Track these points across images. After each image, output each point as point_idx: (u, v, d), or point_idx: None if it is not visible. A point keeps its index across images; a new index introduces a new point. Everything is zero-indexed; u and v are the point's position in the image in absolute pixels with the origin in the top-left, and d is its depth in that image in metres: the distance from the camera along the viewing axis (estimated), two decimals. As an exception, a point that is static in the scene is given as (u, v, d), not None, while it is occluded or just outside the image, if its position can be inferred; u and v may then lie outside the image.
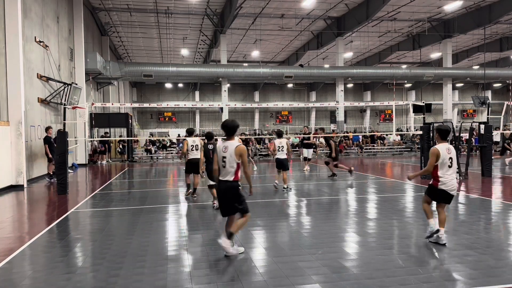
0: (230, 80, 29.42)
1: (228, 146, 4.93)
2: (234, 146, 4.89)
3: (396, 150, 27.19)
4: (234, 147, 4.89)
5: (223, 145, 4.98)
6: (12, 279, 4.39)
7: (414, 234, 6.06)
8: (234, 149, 4.88)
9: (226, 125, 5.00)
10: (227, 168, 4.92)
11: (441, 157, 5.32)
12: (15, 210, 8.98)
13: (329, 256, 4.93)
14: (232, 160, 4.89)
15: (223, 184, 4.97)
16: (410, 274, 4.29)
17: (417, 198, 9.25)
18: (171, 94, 43.01)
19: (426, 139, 12.38)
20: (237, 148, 4.88)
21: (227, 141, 4.99)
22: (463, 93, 45.40)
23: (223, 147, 4.97)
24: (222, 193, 5.00)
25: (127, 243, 5.65)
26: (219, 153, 5.00)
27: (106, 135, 23.57)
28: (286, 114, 44.46)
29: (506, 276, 4.20)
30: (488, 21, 24.96)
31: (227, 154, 4.91)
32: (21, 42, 12.22)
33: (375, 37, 30.87)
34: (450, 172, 5.39)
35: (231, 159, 4.89)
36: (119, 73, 24.95)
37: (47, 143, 13.03)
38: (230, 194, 4.95)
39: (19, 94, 12.07)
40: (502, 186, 11.12)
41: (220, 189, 5.02)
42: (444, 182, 5.36)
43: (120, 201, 9.40)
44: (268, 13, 25.26)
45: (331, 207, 8.31)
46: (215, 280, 4.19)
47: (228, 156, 4.90)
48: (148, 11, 24.40)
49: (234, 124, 5.04)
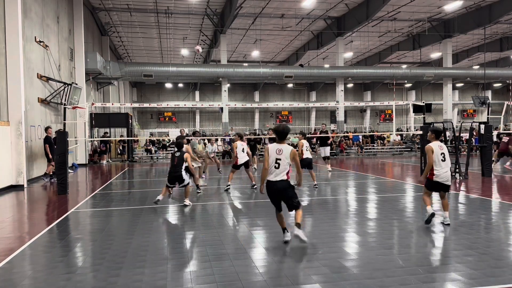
0: (230, 80, 29.42)
1: (282, 149, 5.33)
2: (289, 150, 5.34)
3: (396, 150, 27.20)
4: (289, 151, 5.33)
5: (276, 148, 5.35)
6: (12, 279, 4.39)
7: (414, 234, 6.06)
8: (289, 152, 5.31)
9: (279, 130, 5.41)
10: (281, 169, 5.30)
11: (435, 153, 6.25)
12: (15, 210, 8.98)
13: (329, 256, 4.94)
14: (286, 162, 5.29)
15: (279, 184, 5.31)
16: (410, 274, 4.29)
17: (417, 198, 9.25)
18: (171, 94, 43.02)
19: (426, 139, 12.37)
20: (292, 152, 5.33)
21: (281, 145, 5.39)
22: (463, 93, 45.40)
23: (277, 149, 5.34)
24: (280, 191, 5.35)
25: (127, 243, 5.65)
26: (272, 155, 5.33)
27: (106, 135, 23.57)
28: (286, 114, 44.46)
29: (506, 276, 4.20)
30: (488, 21, 24.96)
31: (282, 156, 5.30)
32: (21, 42, 12.22)
33: (375, 37, 30.87)
34: (443, 165, 6.28)
35: (285, 161, 5.29)
36: (119, 73, 24.95)
37: (48, 143, 13.03)
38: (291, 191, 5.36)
39: (19, 94, 12.08)
40: (502, 186, 11.12)
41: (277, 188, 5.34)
42: (438, 174, 6.26)
43: (120, 201, 9.40)
44: (268, 13, 25.27)
45: (331, 207, 8.30)
46: (215, 280, 4.19)
47: (282, 158, 5.30)
48: (148, 11, 24.40)
49: (286, 129, 5.44)
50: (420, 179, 6.59)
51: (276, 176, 5.31)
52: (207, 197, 9.78)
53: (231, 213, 7.81)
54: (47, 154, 13.02)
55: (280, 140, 5.41)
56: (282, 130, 5.39)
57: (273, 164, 5.31)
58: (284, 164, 5.29)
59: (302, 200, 9.21)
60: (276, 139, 5.48)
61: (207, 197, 9.71)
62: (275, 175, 5.31)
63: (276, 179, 5.31)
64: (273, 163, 5.31)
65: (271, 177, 5.35)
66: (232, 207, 8.47)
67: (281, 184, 5.30)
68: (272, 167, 5.33)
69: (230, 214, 7.71)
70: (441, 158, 6.26)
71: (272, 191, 5.38)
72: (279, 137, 5.41)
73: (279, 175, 5.30)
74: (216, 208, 8.24)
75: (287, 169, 5.31)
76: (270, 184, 5.36)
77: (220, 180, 13.15)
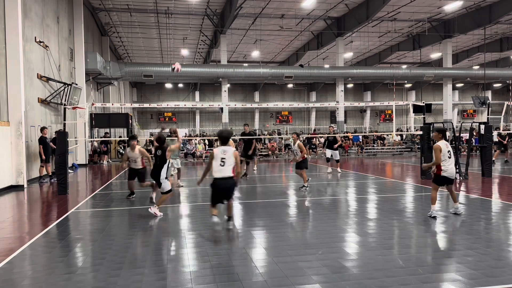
0: (230, 80, 29.41)
1: (227, 150, 6.08)
2: (232, 150, 6.10)
3: (396, 150, 27.20)
4: (233, 151, 6.09)
5: (222, 149, 6.08)
6: (12, 279, 4.39)
7: (414, 234, 6.06)
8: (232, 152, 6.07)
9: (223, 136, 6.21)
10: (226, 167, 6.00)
11: (443, 151, 6.87)
12: (15, 210, 8.98)
13: (329, 256, 4.94)
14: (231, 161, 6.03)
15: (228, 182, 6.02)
16: (410, 274, 4.29)
17: (417, 198, 9.26)
18: (171, 94, 43.02)
19: (426, 139, 12.38)
20: (234, 152, 6.11)
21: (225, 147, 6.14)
22: (463, 93, 45.40)
23: (222, 150, 6.05)
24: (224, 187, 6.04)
25: (127, 243, 5.65)
26: (218, 156, 6.03)
27: (106, 135, 23.57)
28: (286, 114, 44.45)
29: (506, 276, 4.21)
30: (488, 21, 24.94)
31: (226, 156, 6.03)
32: (21, 42, 12.22)
33: (375, 37, 30.87)
34: (450, 162, 6.95)
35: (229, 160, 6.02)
36: (119, 73, 24.95)
37: (42, 144, 13.02)
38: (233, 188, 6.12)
39: (19, 94, 12.07)
40: (502, 186, 11.12)
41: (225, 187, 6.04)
42: (445, 170, 6.92)
43: (120, 201, 9.40)
44: (268, 13, 25.27)
45: (331, 207, 8.30)
46: (215, 280, 4.19)
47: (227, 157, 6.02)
48: (148, 11, 24.40)
49: (230, 135, 6.28)
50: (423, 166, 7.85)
51: (223, 172, 5.97)
52: (207, 197, 9.78)
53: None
54: (41, 155, 13.01)
55: (223, 143, 6.18)
56: (226, 135, 6.19)
57: (219, 163, 5.99)
58: (229, 162, 5.99)
59: (301, 200, 9.21)
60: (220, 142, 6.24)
61: (207, 197, 9.70)
62: (222, 172, 5.98)
63: (223, 175, 5.97)
64: (219, 162, 6.00)
65: (217, 174, 6.00)
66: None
67: (229, 183, 6.01)
68: (218, 166, 6.00)
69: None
70: (448, 155, 6.92)
71: (220, 188, 6.04)
72: (222, 141, 6.19)
73: (226, 172, 5.98)
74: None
75: (232, 166, 6.01)
76: (218, 181, 6.01)
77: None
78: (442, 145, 6.89)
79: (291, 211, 8.08)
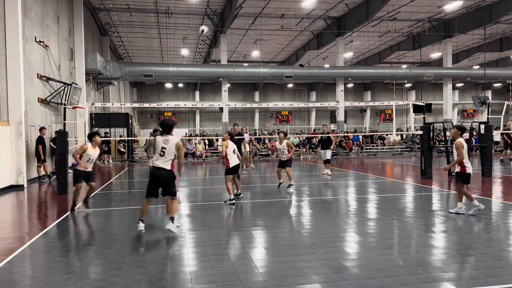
0: (230, 80, 29.40)
1: (169, 140, 5.96)
2: (175, 141, 5.95)
3: (397, 150, 27.20)
4: (175, 142, 5.94)
5: (163, 138, 5.97)
6: (12, 279, 4.39)
7: (414, 234, 6.06)
8: (174, 143, 5.93)
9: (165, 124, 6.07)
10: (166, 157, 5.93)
11: (464, 148, 7.08)
12: (15, 210, 8.98)
13: (329, 256, 4.94)
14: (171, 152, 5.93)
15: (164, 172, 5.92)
16: (410, 274, 4.29)
17: (417, 198, 9.26)
18: (171, 94, 43.02)
19: (426, 139, 12.38)
20: (177, 143, 5.94)
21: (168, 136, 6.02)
22: (463, 93, 45.38)
23: (164, 139, 5.95)
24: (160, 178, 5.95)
25: (127, 243, 5.65)
26: (159, 144, 5.93)
27: (107, 135, 23.57)
28: (286, 114, 44.44)
29: (506, 276, 4.20)
30: (488, 21, 24.94)
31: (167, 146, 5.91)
32: (21, 42, 12.22)
33: (375, 37, 30.86)
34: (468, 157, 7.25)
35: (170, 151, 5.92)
36: (119, 73, 24.95)
37: (40, 144, 13.03)
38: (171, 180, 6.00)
39: (19, 94, 12.07)
40: (502, 186, 11.12)
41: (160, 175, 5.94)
42: (468, 166, 7.13)
43: (120, 201, 9.41)
44: (268, 13, 25.26)
45: (331, 207, 8.30)
46: (215, 280, 4.19)
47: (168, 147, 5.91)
48: (148, 11, 24.39)
49: (172, 123, 6.18)
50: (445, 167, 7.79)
51: (162, 163, 5.88)
52: (207, 197, 9.79)
53: (231, 213, 7.81)
54: (39, 155, 13.01)
55: (166, 132, 6.02)
56: (167, 123, 6.06)
57: (159, 152, 5.89)
58: (169, 153, 5.88)
59: (301, 200, 9.21)
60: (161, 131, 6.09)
61: (207, 197, 9.71)
62: (161, 162, 5.89)
63: (161, 166, 5.87)
64: (159, 151, 5.89)
65: (157, 163, 5.90)
66: (232, 207, 8.46)
67: (165, 173, 5.89)
68: (157, 155, 5.91)
69: (230, 214, 7.71)
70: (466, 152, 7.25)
71: (156, 177, 5.93)
72: (165, 130, 6.03)
73: (165, 163, 5.88)
74: (216, 208, 8.23)
75: (172, 159, 5.92)
76: (156, 170, 5.91)
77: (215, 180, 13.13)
78: (463, 142, 7.15)
79: (291, 211, 8.07)
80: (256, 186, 11.70)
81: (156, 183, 5.96)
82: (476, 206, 7.01)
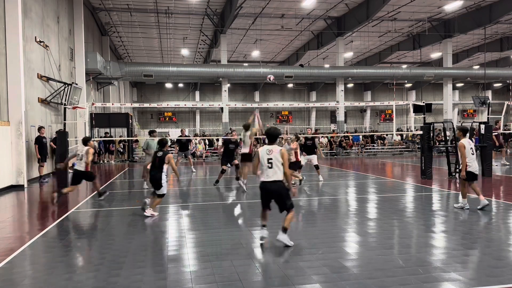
0: (230, 80, 29.40)
1: (273, 150, 5.40)
2: (279, 150, 5.40)
3: (397, 150, 27.19)
4: (280, 151, 5.38)
5: (267, 148, 5.44)
6: (12, 279, 4.39)
7: (414, 234, 6.06)
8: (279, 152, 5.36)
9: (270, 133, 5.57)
10: (274, 168, 5.34)
11: (466, 148, 7.39)
12: (16, 210, 8.98)
13: (329, 256, 4.94)
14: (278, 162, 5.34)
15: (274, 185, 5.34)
16: (410, 274, 4.29)
17: (417, 198, 9.26)
18: (171, 94, 43.00)
19: (427, 139, 12.38)
20: (281, 150, 5.39)
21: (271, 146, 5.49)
22: (463, 93, 45.37)
23: (267, 150, 5.41)
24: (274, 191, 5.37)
25: (127, 243, 5.65)
26: (264, 156, 5.38)
27: (107, 135, 23.57)
28: (286, 114, 44.43)
29: (506, 276, 4.20)
30: (488, 21, 24.94)
31: (273, 156, 5.35)
32: (22, 42, 12.22)
33: (375, 37, 30.85)
34: (473, 158, 7.52)
35: (277, 161, 5.33)
36: (119, 73, 24.95)
37: (37, 143, 13.03)
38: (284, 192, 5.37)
39: (19, 94, 12.07)
40: (502, 186, 11.11)
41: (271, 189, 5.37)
42: (470, 165, 7.46)
43: (121, 201, 9.41)
44: (268, 13, 25.26)
45: (331, 207, 8.30)
46: (215, 280, 4.19)
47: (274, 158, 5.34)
48: (148, 11, 24.40)
49: (278, 132, 5.65)
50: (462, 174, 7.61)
51: (272, 176, 5.34)
52: (207, 197, 9.79)
53: (231, 213, 7.81)
54: (36, 154, 13.01)
55: (271, 141, 5.56)
56: (273, 133, 5.56)
57: (267, 165, 5.36)
58: (276, 164, 5.33)
59: (301, 200, 9.21)
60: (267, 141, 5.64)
61: (207, 197, 9.71)
62: (270, 174, 5.34)
63: (272, 179, 5.34)
64: (266, 163, 5.36)
65: (264, 177, 5.39)
66: (232, 207, 8.47)
67: (275, 186, 5.35)
68: (265, 168, 5.38)
69: (230, 214, 7.71)
70: (471, 152, 7.53)
71: (267, 191, 5.42)
72: (270, 139, 5.56)
73: (275, 175, 5.33)
74: (216, 208, 8.23)
75: (281, 169, 5.33)
76: (265, 184, 5.39)
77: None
78: (465, 143, 7.48)
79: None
80: (256, 186, 11.69)
81: (268, 197, 5.48)
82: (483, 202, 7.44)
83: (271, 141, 5.56)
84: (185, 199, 9.65)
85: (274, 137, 5.56)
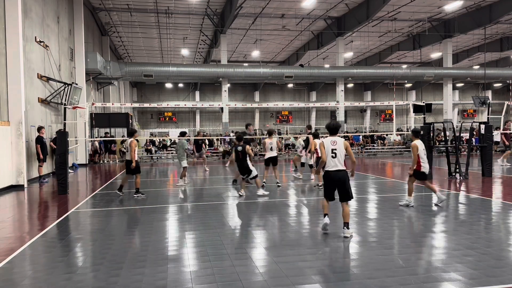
0: (230, 80, 29.39)
1: (337, 141, 5.90)
2: (342, 141, 5.93)
3: (397, 150, 27.19)
4: (343, 142, 5.92)
5: (331, 140, 5.93)
6: (12, 279, 4.40)
7: (414, 234, 6.06)
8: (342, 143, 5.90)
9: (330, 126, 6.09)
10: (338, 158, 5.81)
11: (419, 149, 7.83)
12: (16, 210, 8.98)
13: (329, 256, 4.93)
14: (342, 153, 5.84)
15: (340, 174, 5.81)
16: (410, 274, 4.29)
17: (417, 198, 9.25)
18: (171, 94, 43.01)
19: (427, 139, 12.36)
20: (344, 142, 5.92)
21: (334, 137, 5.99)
22: (463, 93, 45.38)
23: (331, 141, 5.90)
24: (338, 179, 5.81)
25: (127, 243, 5.66)
26: (328, 146, 5.85)
27: (107, 135, 23.58)
28: (286, 114, 44.45)
29: (506, 276, 4.20)
30: (488, 21, 24.94)
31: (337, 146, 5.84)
32: (22, 42, 12.22)
33: (375, 37, 30.86)
34: (425, 158, 7.95)
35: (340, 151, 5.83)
36: (119, 73, 24.95)
37: (39, 143, 13.04)
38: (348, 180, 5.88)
39: (19, 94, 12.08)
40: (502, 186, 11.11)
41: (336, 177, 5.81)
42: (423, 166, 7.86)
43: (120, 201, 9.40)
44: (268, 13, 25.26)
45: (331, 207, 8.29)
46: (215, 280, 4.19)
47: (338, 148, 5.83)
48: (148, 11, 24.40)
49: (338, 125, 6.16)
50: (409, 172, 8.10)
51: (337, 164, 5.79)
52: (207, 197, 9.79)
53: (231, 213, 7.81)
54: (38, 154, 13.02)
55: (332, 134, 6.02)
56: (333, 126, 6.08)
57: (330, 155, 5.80)
58: (340, 154, 5.80)
59: (301, 199, 9.21)
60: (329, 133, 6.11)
61: (206, 197, 9.71)
62: (334, 165, 5.79)
63: (337, 168, 5.79)
64: (329, 153, 5.80)
65: (329, 167, 5.81)
66: (232, 207, 8.47)
67: (339, 174, 5.80)
68: (329, 158, 5.80)
69: (230, 214, 7.71)
70: (424, 152, 7.91)
71: (332, 179, 5.83)
72: (332, 132, 6.03)
73: (339, 164, 5.79)
74: (216, 208, 8.23)
75: (343, 158, 5.81)
76: (330, 174, 5.81)
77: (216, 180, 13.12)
78: (418, 144, 7.87)
79: (291, 210, 8.07)
80: (254, 186, 11.68)
81: (333, 185, 5.87)
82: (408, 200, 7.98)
83: (332, 133, 6.02)
84: (185, 199, 9.64)
85: (336, 130, 6.04)
